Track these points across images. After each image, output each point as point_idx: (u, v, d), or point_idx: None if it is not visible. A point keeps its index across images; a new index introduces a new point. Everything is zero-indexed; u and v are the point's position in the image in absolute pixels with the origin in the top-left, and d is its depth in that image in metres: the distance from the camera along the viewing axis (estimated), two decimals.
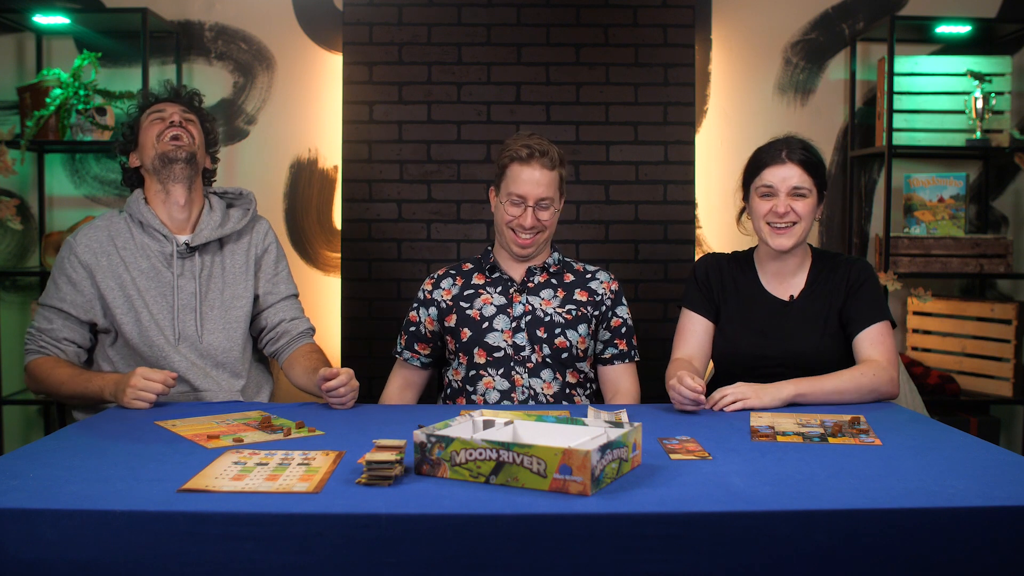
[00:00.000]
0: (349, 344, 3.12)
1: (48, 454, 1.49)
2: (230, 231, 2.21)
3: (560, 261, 2.30)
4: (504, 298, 2.22)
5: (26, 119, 3.02)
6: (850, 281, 2.10)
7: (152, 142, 2.17)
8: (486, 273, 2.27)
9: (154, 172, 2.17)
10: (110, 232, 2.16)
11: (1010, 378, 3.07)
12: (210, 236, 2.17)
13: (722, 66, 3.31)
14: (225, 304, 2.17)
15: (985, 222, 3.33)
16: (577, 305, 2.23)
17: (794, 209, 2.07)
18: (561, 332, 2.19)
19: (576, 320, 2.21)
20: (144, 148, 2.19)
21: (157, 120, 2.19)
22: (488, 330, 2.18)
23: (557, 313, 2.20)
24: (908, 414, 1.88)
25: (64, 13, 3.05)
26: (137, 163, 2.23)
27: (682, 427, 1.72)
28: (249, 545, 1.17)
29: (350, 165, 3.10)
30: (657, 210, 3.11)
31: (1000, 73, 3.16)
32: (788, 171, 2.08)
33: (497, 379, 2.16)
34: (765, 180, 2.10)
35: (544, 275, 2.26)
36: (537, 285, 2.25)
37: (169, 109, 2.22)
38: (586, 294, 2.24)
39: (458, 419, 1.53)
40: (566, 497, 1.25)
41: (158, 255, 2.14)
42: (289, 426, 1.71)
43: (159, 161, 2.15)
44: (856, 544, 1.20)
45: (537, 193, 2.17)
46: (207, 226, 2.19)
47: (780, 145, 2.11)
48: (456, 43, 3.09)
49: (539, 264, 2.26)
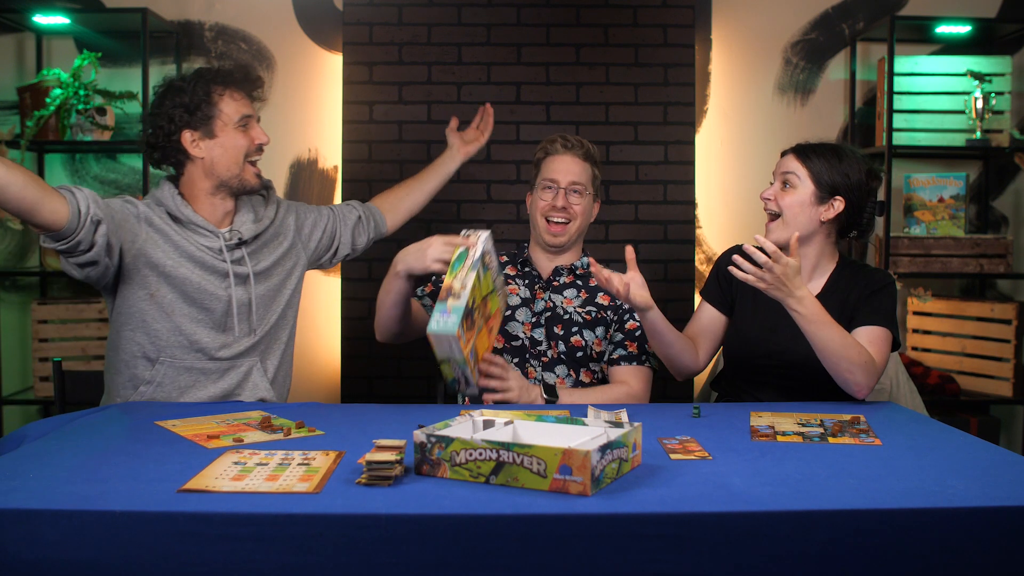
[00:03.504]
0: (349, 344, 3.12)
1: (48, 454, 1.49)
2: (267, 224, 2.14)
3: (588, 264, 2.24)
4: (529, 292, 2.26)
5: (26, 119, 3.03)
6: (867, 285, 2.07)
7: (236, 158, 2.04)
8: (518, 266, 2.30)
9: (220, 185, 2.06)
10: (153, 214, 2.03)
11: (1010, 378, 3.07)
12: (258, 228, 2.11)
13: (722, 66, 3.31)
14: (273, 293, 2.14)
15: (985, 222, 3.33)
16: (598, 308, 2.24)
17: (777, 199, 2.09)
18: (578, 331, 2.20)
19: (594, 322, 2.22)
20: (222, 152, 2.03)
21: (245, 128, 2.05)
22: (510, 319, 2.22)
23: (577, 312, 2.23)
24: (908, 414, 1.88)
25: (64, 13, 3.05)
26: (200, 154, 2.04)
27: (682, 427, 1.72)
28: (249, 545, 1.17)
29: (350, 165, 3.10)
30: (657, 210, 3.11)
31: (1000, 73, 3.16)
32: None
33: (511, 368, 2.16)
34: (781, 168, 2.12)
35: (570, 276, 2.28)
36: (562, 284, 2.27)
37: (252, 114, 2.07)
38: (608, 298, 2.24)
39: (458, 419, 1.53)
40: (566, 497, 1.25)
41: (205, 249, 2.05)
42: (289, 426, 1.71)
43: (237, 185, 2.06)
44: (856, 544, 1.20)
45: (569, 178, 2.23)
46: (245, 220, 2.11)
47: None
48: (456, 43, 3.09)
49: (567, 264, 2.28)
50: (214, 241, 2.06)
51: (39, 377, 3.08)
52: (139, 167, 3.26)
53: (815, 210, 2.07)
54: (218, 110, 2.03)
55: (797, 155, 2.10)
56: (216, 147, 2.03)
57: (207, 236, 2.06)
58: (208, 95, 2.02)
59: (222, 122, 2.03)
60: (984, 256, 3.10)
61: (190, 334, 2.03)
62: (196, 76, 2.05)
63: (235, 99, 2.05)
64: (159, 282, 2.01)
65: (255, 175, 2.08)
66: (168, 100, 2.03)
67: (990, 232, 3.31)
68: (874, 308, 2.04)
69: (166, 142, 2.04)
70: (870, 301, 2.05)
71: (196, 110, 2.01)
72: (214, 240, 2.06)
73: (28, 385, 3.23)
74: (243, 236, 2.08)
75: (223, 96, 2.03)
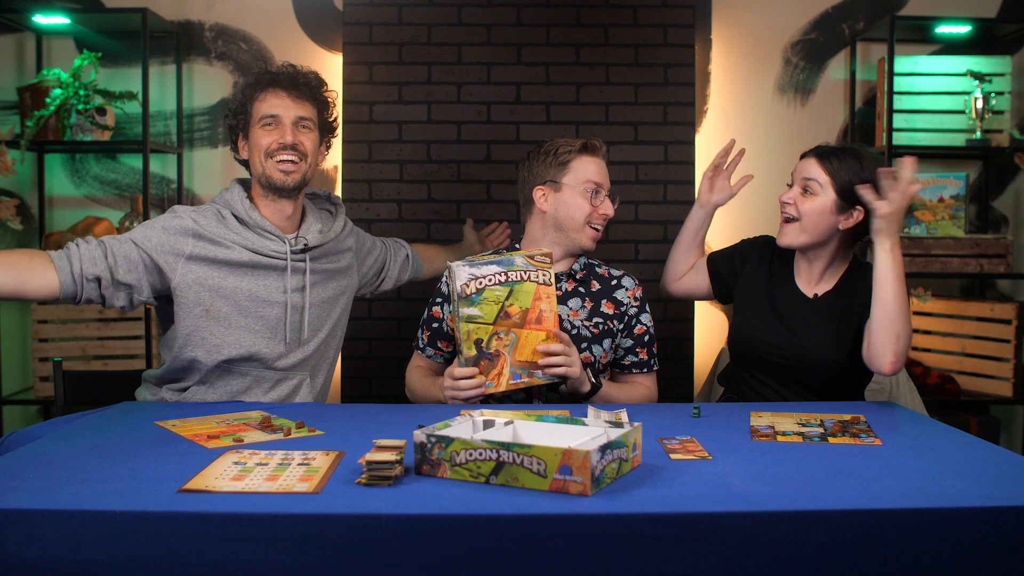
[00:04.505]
0: (349, 344, 3.11)
1: (48, 454, 1.49)
2: (332, 237, 2.14)
3: (585, 265, 2.22)
4: None
5: (26, 119, 3.02)
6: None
7: (260, 156, 2.03)
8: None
9: (260, 184, 2.07)
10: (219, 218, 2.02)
11: (1010, 378, 3.07)
12: (323, 239, 2.10)
13: (722, 66, 3.31)
14: (328, 306, 2.15)
15: (985, 222, 3.33)
16: (604, 318, 2.15)
17: (797, 204, 2.08)
18: (587, 347, 2.12)
19: (602, 335, 2.14)
20: (252, 152, 2.05)
21: (269, 126, 2.04)
22: None
23: (584, 327, 2.13)
24: (908, 414, 1.88)
25: (64, 13, 3.05)
26: (244, 155, 2.09)
27: (682, 427, 1.73)
28: (249, 545, 1.17)
29: (350, 165, 3.10)
30: (657, 210, 3.11)
31: (1000, 73, 3.16)
32: (804, 164, 2.10)
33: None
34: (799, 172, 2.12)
35: (571, 282, 2.18)
36: (565, 294, 2.16)
37: (284, 114, 2.03)
38: (612, 306, 2.17)
39: (458, 419, 1.53)
40: (566, 497, 1.25)
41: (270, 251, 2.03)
42: (289, 426, 1.71)
43: (266, 182, 2.04)
44: (856, 544, 1.20)
45: (607, 182, 2.17)
46: (311, 229, 2.10)
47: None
48: (456, 43, 3.09)
49: (565, 270, 2.18)
50: (279, 245, 2.04)
51: (39, 377, 3.08)
52: (139, 167, 3.26)
53: (835, 218, 2.05)
54: (251, 112, 2.06)
55: (820, 160, 2.06)
56: (250, 147, 2.07)
57: (273, 239, 2.05)
58: (246, 101, 2.07)
59: (250, 123, 2.06)
60: (984, 256, 3.10)
61: (249, 345, 2.01)
62: (245, 82, 2.12)
63: (266, 101, 2.04)
64: (211, 296, 1.99)
65: (282, 172, 2.02)
66: (228, 106, 2.14)
67: (990, 232, 3.31)
68: None
69: (234, 145, 2.13)
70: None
71: (239, 114, 2.08)
72: (279, 244, 2.04)
73: (28, 385, 3.23)
74: (308, 242, 2.07)
75: (256, 99, 2.05)
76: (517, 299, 1.91)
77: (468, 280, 1.89)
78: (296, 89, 2.05)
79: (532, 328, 1.92)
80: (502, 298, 1.90)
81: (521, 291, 1.92)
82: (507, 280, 1.92)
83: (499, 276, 1.92)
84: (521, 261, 1.94)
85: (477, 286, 1.89)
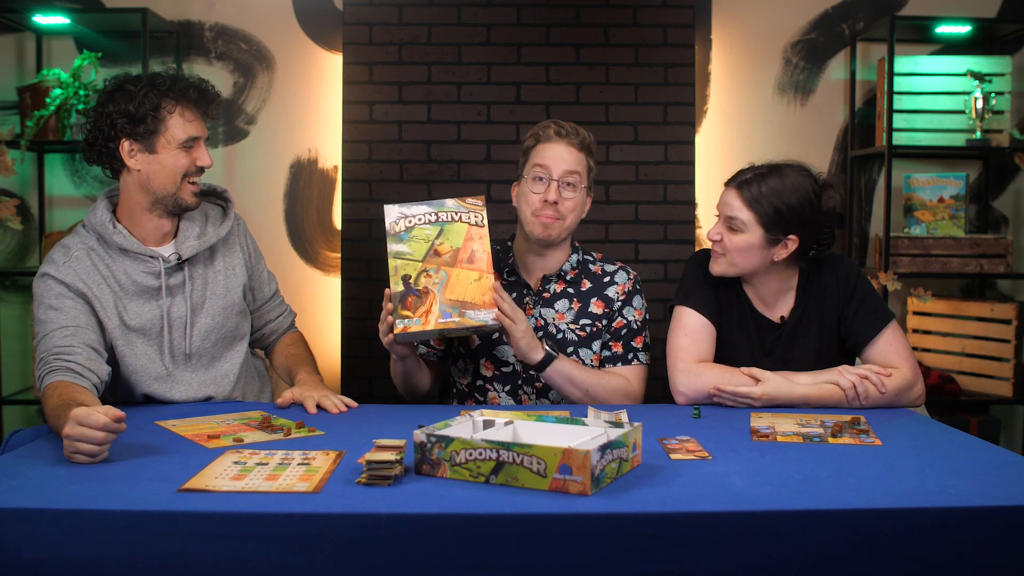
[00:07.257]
0: (349, 344, 3.12)
1: (48, 454, 1.49)
2: (215, 239, 2.00)
3: (579, 263, 2.14)
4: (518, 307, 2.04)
5: (26, 119, 3.02)
6: (839, 289, 2.00)
7: (174, 177, 1.90)
8: (504, 275, 2.12)
9: (155, 201, 1.92)
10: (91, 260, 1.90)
11: (1010, 378, 3.07)
12: (200, 247, 1.96)
13: (722, 66, 3.31)
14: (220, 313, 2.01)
15: (985, 222, 3.33)
16: (592, 319, 2.09)
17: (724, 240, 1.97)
18: (574, 351, 2.07)
19: (590, 337, 2.08)
20: (158, 169, 1.89)
21: (189, 148, 1.91)
22: (499, 342, 2.07)
23: (571, 330, 2.08)
24: (908, 414, 1.88)
25: (64, 13, 3.05)
26: (136, 166, 1.90)
27: (682, 427, 1.72)
28: (249, 545, 1.17)
29: (350, 165, 3.10)
30: (657, 210, 3.11)
31: (1000, 73, 3.16)
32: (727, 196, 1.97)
33: (503, 395, 2.08)
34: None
35: (560, 283, 2.11)
36: (553, 295, 2.10)
37: (202, 135, 1.93)
38: (602, 304, 2.10)
39: (458, 419, 1.53)
40: (566, 497, 1.25)
41: (144, 275, 1.92)
42: (289, 426, 1.71)
43: (172, 203, 1.91)
44: (856, 544, 1.20)
45: (562, 167, 2.02)
46: (189, 235, 1.97)
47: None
48: (456, 43, 3.09)
49: (555, 271, 2.11)
50: (152, 265, 1.92)
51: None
52: None
53: (766, 252, 1.94)
54: (164, 126, 1.88)
55: (740, 192, 1.92)
56: (154, 163, 1.89)
57: (145, 261, 1.92)
58: (157, 109, 1.87)
59: (165, 140, 1.89)
60: (984, 256, 3.10)
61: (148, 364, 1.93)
62: (149, 83, 1.89)
63: (185, 118, 1.90)
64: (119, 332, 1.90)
65: (192, 194, 1.93)
66: (114, 103, 1.88)
67: (990, 232, 3.31)
68: (865, 313, 1.98)
69: (103, 146, 1.90)
70: (855, 308, 1.98)
71: (141, 122, 1.87)
72: (152, 264, 1.92)
73: (28, 385, 3.23)
74: (182, 255, 1.95)
75: (173, 113, 1.89)
76: (448, 238, 1.91)
77: (397, 219, 1.91)
78: (209, 105, 1.96)
79: (464, 267, 1.90)
80: (432, 236, 1.90)
81: (452, 231, 1.92)
82: (437, 220, 1.92)
83: (429, 216, 1.92)
84: (453, 203, 1.95)
85: (407, 224, 1.90)
